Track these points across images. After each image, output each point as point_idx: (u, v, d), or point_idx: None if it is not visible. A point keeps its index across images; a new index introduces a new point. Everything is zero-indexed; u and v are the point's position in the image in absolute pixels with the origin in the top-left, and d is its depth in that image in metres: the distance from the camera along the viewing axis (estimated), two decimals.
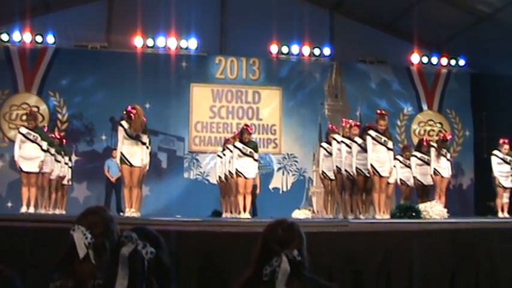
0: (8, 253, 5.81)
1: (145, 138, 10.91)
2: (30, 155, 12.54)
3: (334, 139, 12.94)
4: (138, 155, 10.79)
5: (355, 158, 11.93)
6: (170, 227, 6.99)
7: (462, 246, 6.99)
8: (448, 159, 13.81)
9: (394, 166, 12.74)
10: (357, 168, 11.88)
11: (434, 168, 13.62)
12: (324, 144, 13.72)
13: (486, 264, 6.95)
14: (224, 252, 6.16)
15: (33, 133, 12.58)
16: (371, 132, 11.57)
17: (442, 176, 13.60)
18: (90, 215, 3.55)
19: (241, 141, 12.82)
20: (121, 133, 10.79)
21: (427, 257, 6.81)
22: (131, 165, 10.75)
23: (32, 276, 5.60)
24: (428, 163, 13.92)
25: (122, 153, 10.77)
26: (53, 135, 15.09)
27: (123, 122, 10.81)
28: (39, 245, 6.01)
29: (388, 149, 11.57)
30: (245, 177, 12.66)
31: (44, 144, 12.72)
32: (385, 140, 11.55)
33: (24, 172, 12.60)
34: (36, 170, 12.66)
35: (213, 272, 6.10)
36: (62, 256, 3.43)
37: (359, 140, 11.96)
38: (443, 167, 13.68)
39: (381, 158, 11.50)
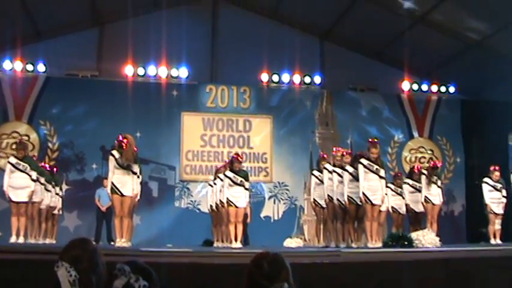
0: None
1: (136, 168, 10.89)
2: (19, 185, 12.51)
3: (326, 168, 12.93)
4: (128, 184, 10.78)
5: (346, 186, 11.94)
6: (162, 258, 6.95)
7: (455, 276, 6.96)
8: (438, 186, 13.86)
9: (386, 194, 12.75)
10: (348, 196, 11.89)
11: (425, 196, 13.69)
12: (316, 173, 13.70)
13: None
14: (216, 283, 6.11)
15: (22, 163, 12.56)
16: (363, 160, 11.59)
17: (433, 204, 13.66)
18: (73, 249, 3.49)
19: (231, 170, 12.81)
20: (112, 163, 10.78)
21: (420, 287, 6.78)
22: (122, 194, 10.74)
23: None
24: (420, 190, 13.96)
25: (112, 183, 10.75)
26: (43, 165, 15.03)
27: (114, 152, 10.81)
28: (30, 276, 5.95)
29: (380, 177, 11.59)
30: (236, 207, 12.64)
31: (34, 174, 12.69)
32: (377, 168, 11.57)
33: (14, 202, 12.55)
34: (26, 199, 12.62)
35: None
36: None
37: (350, 169, 11.97)
38: (434, 194, 13.74)
39: (373, 186, 11.51)
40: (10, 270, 6.16)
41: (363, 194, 11.47)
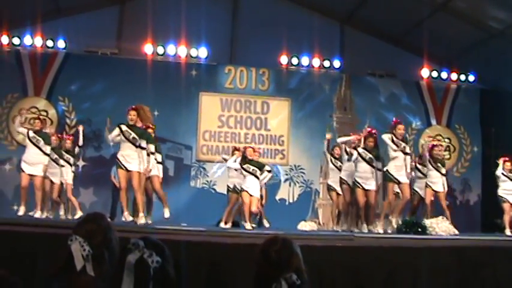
0: (15, 259, 5.81)
1: (144, 144, 10.88)
2: (33, 159, 12.79)
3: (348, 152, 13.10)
4: (135, 160, 10.76)
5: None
6: (178, 236, 6.98)
7: (467, 265, 6.96)
8: (443, 174, 13.73)
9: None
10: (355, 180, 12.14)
11: (427, 182, 13.63)
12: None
13: (491, 284, 6.91)
14: (231, 262, 6.14)
15: (37, 137, 12.69)
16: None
17: (433, 190, 13.52)
18: (87, 224, 3.48)
19: (245, 161, 12.91)
20: (115, 132, 10.82)
21: (432, 275, 6.78)
22: (127, 170, 10.72)
23: (39, 283, 5.59)
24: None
25: (117, 157, 10.80)
26: (63, 136, 15.10)
27: (122, 125, 10.84)
28: (43, 250, 6.00)
29: (405, 153, 11.86)
30: (250, 195, 12.71)
31: (48, 149, 12.82)
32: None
33: (28, 175, 12.73)
34: (40, 173, 12.75)
35: (219, 283, 6.09)
36: (61, 265, 3.37)
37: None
38: (436, 181, 13.61)
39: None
40: (24, 244, 6.21)
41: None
